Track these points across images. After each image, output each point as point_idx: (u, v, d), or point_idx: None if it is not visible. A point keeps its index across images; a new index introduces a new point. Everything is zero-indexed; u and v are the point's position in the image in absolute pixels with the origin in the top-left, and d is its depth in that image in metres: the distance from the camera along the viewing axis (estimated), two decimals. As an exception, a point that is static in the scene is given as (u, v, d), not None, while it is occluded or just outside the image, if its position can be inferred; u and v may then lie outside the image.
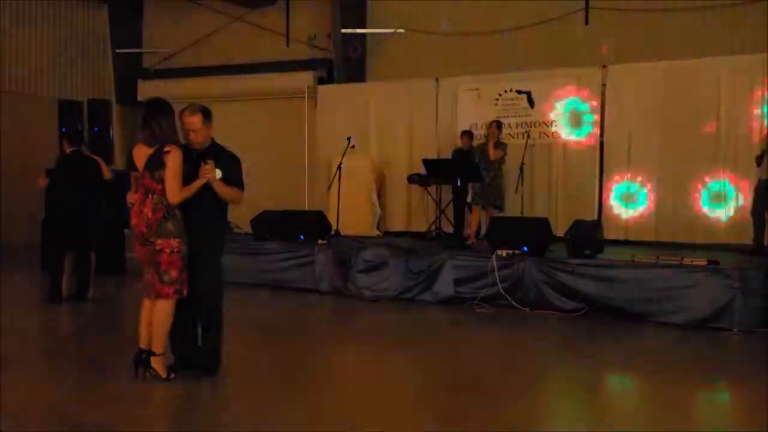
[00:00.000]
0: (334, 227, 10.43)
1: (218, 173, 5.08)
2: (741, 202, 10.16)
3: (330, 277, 9.34)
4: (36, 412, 4.61)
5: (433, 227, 11.28)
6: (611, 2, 12.12)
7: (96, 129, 11.59)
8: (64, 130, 10.92)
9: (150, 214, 4.93)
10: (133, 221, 5.04)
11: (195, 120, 5.12)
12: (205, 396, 5.10)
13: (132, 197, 5.10)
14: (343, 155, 10.95)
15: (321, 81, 14.45)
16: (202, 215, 5.14)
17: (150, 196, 4.96)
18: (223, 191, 5.14)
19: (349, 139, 11.25)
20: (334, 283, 9.29)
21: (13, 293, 9.09)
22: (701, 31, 11.59)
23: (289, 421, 4.51)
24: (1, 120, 14.35)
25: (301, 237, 9.96)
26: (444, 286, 8.63)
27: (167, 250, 4.94)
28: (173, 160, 4.91)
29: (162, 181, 4.93)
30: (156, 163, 4.94)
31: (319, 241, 9.72)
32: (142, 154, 5.04)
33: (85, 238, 8.44)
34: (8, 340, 6.39)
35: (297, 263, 9.62)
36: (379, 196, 12.63)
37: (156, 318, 5.03)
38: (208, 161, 5.00)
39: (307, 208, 12.80)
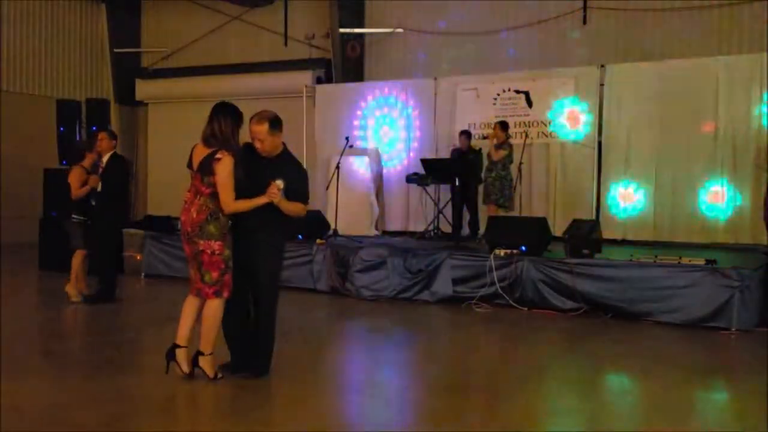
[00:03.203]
0: (333, 227, 10.44)
1: (281, 183, 4.97)
2: (739, 201, 10.17)
3: (328, 276, 9.34)
4: (36, 413, 4.61)
5: (432, 227, 11.30)
6: (609, 2, 12.15)
7: (94, 128, 11.56)
8: (110, 129, 10.89)
9: (195, 215, 4.95)
10: (182, 218, 5.06)
11: (261, 129, 5.04)
12: (203, 395, 5.11)
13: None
14: (341, 155, 10.96)
15: (319, 80, 14.47)
16: (262, 218, 5.03)
17: (198, 197, 4.98)
18: (286, 207, 5.03)
19: (347, 138, 11.25)
20: (333, 282, 9.29)
21: (13, 293, 9.08)
22: (700, 31, 11.62)
23: (291, 421, 4.51)
24: (1, 120, 14.35)
25: (300, 236, 9.96)
26: (442, 285, 8.63)
27: (208, 251, 4.95)
28: (223, 168, 4.87)
29: (210, 185, 4.92)
30: (207, 168, 4.92)
31: (318, 241, 9.72)
32: (199, 153, 5.01)
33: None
34: (8, 340, 6.39)
35: (295, 263, 9.61)
36: (378, 195, 12.64)
37: (204, 318, 5.06)
38: (277, 181, 4.91)
39: (305, 208, 12.78)
